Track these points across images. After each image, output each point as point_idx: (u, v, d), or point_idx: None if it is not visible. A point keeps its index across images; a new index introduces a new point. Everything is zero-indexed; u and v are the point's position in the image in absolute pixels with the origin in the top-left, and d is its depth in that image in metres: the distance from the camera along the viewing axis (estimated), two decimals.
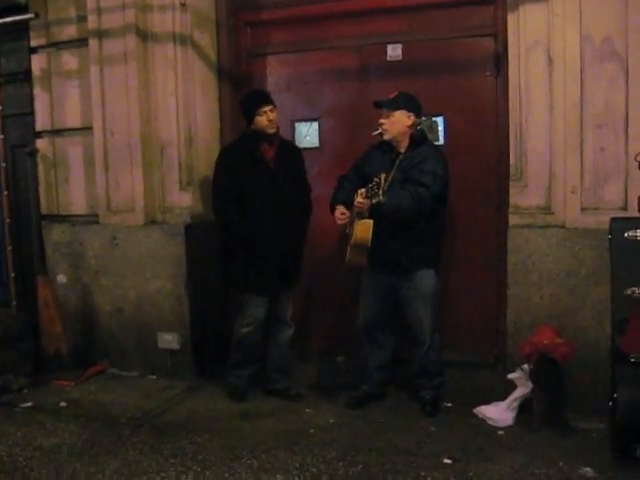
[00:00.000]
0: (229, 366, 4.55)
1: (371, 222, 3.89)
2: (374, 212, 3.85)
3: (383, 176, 3.76)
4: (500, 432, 3.95)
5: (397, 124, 4.05)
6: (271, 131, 4.29)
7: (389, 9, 4.80)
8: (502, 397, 4.14)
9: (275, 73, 5.20)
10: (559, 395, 3.96)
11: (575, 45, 4.00)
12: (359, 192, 3.85)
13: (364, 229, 3.91)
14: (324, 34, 5.02)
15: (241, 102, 4.49)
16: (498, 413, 4.07)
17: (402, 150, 4.10)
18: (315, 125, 5.14)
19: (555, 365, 3.88)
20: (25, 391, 4.89)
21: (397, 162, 4.06)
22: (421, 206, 3.88)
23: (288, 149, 4.47)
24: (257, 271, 4.28)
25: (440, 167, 3.99)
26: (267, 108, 4.26)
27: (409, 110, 4.06)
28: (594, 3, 3.97)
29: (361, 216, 3.90)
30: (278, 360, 4.58)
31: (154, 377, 5.06)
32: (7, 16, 5.18)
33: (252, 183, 4.24)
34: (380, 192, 3.70)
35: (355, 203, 3.87)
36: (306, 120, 5.17)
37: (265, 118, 4.25)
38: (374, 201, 3.74)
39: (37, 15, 5.12)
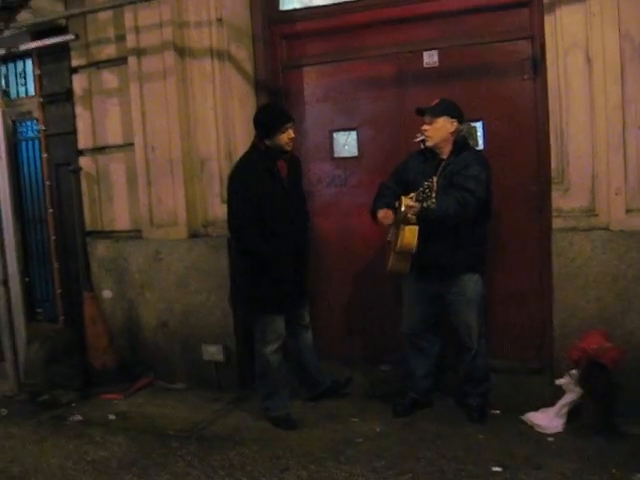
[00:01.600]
0: (261, 401, 4.46)
1: (417, 228, 3.88)
2: (422, 217, 3.84)
3: (435, 179, 3.74)
4: (549, 439, 3.90)
5: (440, 130, 4.04)
6: (288, 149, 4.20)
7: (424, 16, 4.79)
8: (550, 403, 4.09)
9: (312, 84, 5.22)
10: (609, 400, 3.89)
11: (614, 45, 3.95)
12: (407, 197, 3.85)
13: (410, 235, 3.89)
14: (359, 43, 5.02)
15: (262, 116, 4.29)
16: (547, 419, 4.02)
17: (445, 156, 4.08)
18: (353, 134, 5.14)
19: (604, 370, 3.82)
20: (74, 405, 4.97)
21: (440, 168, 4.04)
22: (466, 211, 3.86)
23: (294, 162, 4.38)
24: (280, 292, 4.19)
25: (483, 172, 3.97)
26: (291, 126, 4.17)
27: (452, 116, 4.04)
28: (632, 2, 3.90)
29: (406, 221, 3.89)
30: (314, 361, 4.60)
31: (200, 389, 5.09)
32: (48, 38, 5.29)
33: (271, 202, 4.13)
34: (433, 195, 3.68)
35: (404, 206, 3.85)
36: (344, 130, 5.16)
37: (287, 136, 4.15)
38: (425, 205, 3.73)
39: (77, 36, 5.22)
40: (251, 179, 4.15)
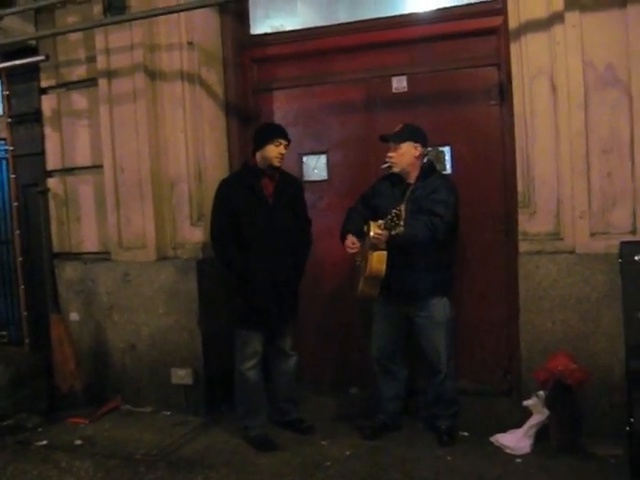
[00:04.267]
0: (240, 420, 4.45)
1: (385, 253, 3.91)
2: (391, 243, 3.87)
3: (403, 207, 3.77)
4: (517, 460, 3.93)
5: (405, 156, 4.09)
6: (276, 164, 4.24)
7: (393, 42, 4.86)
8: (518, 424, 4.12)
9: (282, 108, 5.27)
10: (575, 421, 3.95)
11: (578, 72, 4.04)
12: (375, 224, 3.87)
13: (379, 260, 3.92)
14: (330, 68, 5.09)
15: (258, 128, 4.50)
16: (515, 441, 4.04)
17: (412, 181, 4.13)
18: (323, 158, 5.19)
19: (570, 391, 3.88)
20: (40, 429, 4.88)
21: (408, 193, 4.09)
22: (435, 236, 3.90)
23: (288, 183, 4.41)
24: (256, 307, 4.22)
25: (452, 196, 4.04)
26: (284, 142, 4.25)
27: (415, 141, 4.10)
28: (595, 30, 4.01)
29: (375, 247, 3.92)
30: (286, 390, 4.56)
31: (168, 413, 5.05)
32: (18, 58, 5.25)
33: (250, 218, 4.20)
34: (401, 223, 3.72)
35: (372, 235, 3.86)
36: (314, 153, 5.22)
37: (277, 150, 4.21)
38: (393, 232, 3.76)
39: (47, 57, 5.18)
40: (229, 193, 4.27)
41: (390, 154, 4.13)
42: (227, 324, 4.56)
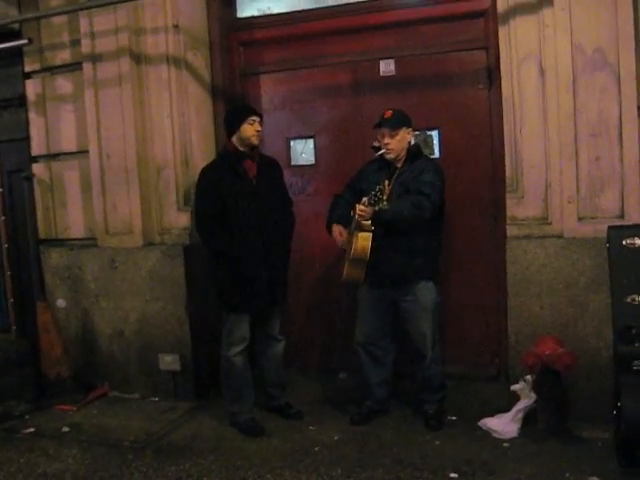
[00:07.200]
0: (227, 406, 4.45)
1: (370, 235, 3.90)
2: (376, 220, 3.86)
3: (387, 182, 3.76)
4: (505, 444, 3.93)
5: (401, 142, 4.08)
6: (255, 142, 4.21)
7: (381, 25, 4.83)
8: (506, 409, 4.13)
9: (269, 92, 5.22)
10: (563, 405, 3.95)
11: (567, 56, 4.02)
12: (361, 201, 3.85)
13: (364, 241, 3.90)
14: (317, 52, 5.04)
15: (228, 112, 4.46)
16: (503, 425, 4.05)
17: (399, 165, 4.12)
18: (310, 142, 5.16)
19: (558, 375, 3.88)
20: (27, 417, 4.86)
21: (395, 176, 4.07)
22: (422, 214, 3.89)
23: (268, 164, 4.39)
24: (246, 290, 4.20)
25: (438, 178, 4.03)
26: (257, 118, 4.22)
27: (408, 126, 4.11)
28: (584, 14, 3.98)
29: (360, 228, 3.90)
30: (274, 375, 4.55)
31: (156, 399, 5.04)
32: (1, 42, 5.18)
33: (236, 201, 4.17)
34: (384, 197, 3.69)
35: (357, 212, 3.86)
36: (301, 137, 5.18)
37: (253, 127, 4.18)
38: (377, 208, 3.74)
39: (30, 41, 5.11)
40: (214, 179, 4.21)
41: (387, 140, 4.08)
42: (214, 310, 4.53)
